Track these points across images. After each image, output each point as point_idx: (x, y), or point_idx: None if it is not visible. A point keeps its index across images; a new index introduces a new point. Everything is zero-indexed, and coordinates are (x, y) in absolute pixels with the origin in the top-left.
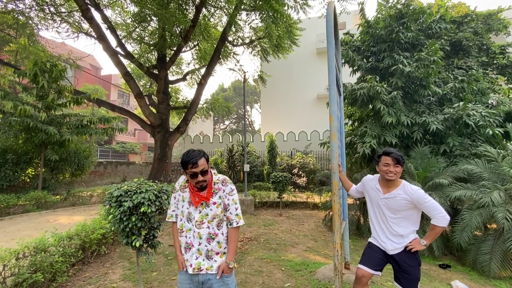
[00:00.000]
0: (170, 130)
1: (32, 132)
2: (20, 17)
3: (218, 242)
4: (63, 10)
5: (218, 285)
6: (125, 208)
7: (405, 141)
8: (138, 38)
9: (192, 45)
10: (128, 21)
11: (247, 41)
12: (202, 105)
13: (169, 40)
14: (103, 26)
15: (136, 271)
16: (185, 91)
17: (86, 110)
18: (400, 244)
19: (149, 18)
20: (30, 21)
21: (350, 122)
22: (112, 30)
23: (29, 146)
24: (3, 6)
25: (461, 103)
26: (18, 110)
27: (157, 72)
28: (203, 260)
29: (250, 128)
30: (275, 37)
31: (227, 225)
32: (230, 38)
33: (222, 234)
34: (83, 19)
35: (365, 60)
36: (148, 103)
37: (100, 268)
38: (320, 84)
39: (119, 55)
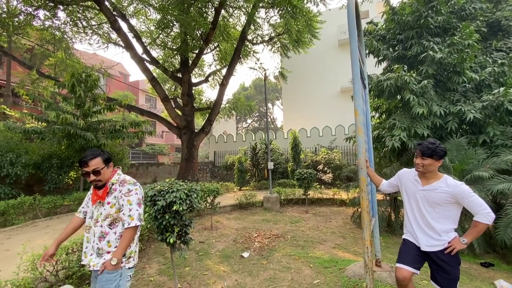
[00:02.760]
0: (196, 131)
1: (73, 138)
2: (56, 33)
3: (108, 241)
4: (93, 23)
5: (98, 280)
6: (159, 207)
7: (439, 132)
8: (162, 44)
9: (213, 46)
10: (152, 28)
11: (266, 38)
12: (225, 105)
13: (191, 43)
14: (130, 35)
15: (170, 266)
16: (208, 92)
17: (117, 115)
18: (437, 241)
19: (171, 24)
20: (65, 36)
21: (377, 115)
22: (138, 38)
23: (71, 151)
24: (41, 24)
25: (502, 88)
26: (60, 119)
27: (181, 76)
28: (95, 257)
29: (272, 126)
30: (295, 32)
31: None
32: (249, 37)
33: (115, 233)
34: (111, 30)
35: (391, 49)
36: (173, 106)
37: (138, 263)
38: (343, 76)
39: (145, 62)
